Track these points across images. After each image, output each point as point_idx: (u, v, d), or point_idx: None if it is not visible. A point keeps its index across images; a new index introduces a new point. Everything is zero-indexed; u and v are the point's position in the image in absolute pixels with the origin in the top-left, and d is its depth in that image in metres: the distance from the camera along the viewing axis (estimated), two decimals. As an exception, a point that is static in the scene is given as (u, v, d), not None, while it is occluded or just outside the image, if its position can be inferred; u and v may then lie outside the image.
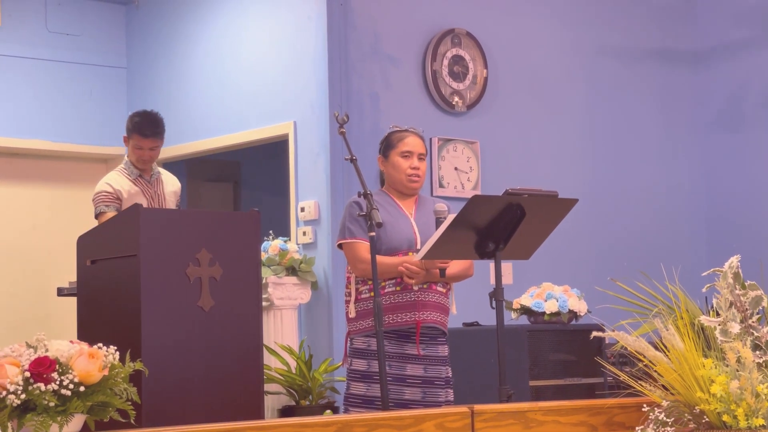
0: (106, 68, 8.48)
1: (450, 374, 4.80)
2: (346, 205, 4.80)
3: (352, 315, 4.73)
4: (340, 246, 4.80)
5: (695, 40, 8.71)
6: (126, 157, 6.06)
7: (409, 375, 4.70)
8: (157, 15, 8.37)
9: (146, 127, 5.94)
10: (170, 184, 6.15)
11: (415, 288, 4.68)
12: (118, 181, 5.95)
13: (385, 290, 4.65)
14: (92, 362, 3.20)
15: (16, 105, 8.13)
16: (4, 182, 8.27)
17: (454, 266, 4.73)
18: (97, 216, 5.90)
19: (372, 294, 4.66)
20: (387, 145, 4.86)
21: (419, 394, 4.70)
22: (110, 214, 5.80)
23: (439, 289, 4.75)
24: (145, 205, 5.91)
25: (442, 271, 4.65)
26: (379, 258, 4.55)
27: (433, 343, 4.75)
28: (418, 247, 4.72)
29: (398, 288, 4.69)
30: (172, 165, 8.68)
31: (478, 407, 3.79)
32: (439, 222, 4.59)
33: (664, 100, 8.59)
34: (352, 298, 4.74)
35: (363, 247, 4.68)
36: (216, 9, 7.94)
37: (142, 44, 8.47)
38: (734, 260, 3.87)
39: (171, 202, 6.10)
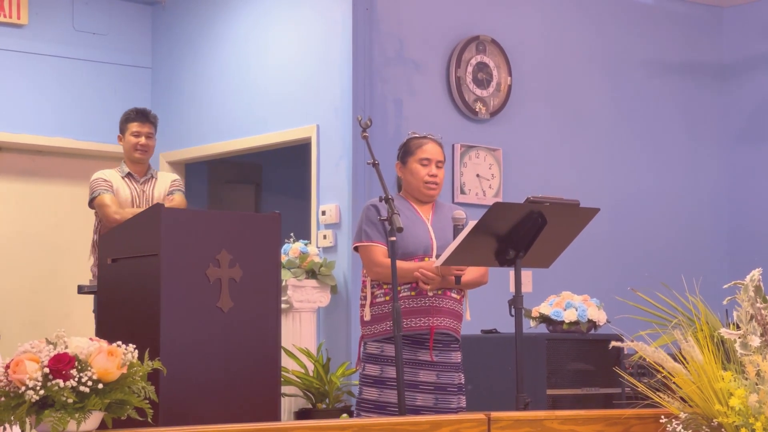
0: (131, 68, 8.51)
1: (462, 381, 4.80)
2: (363, 208, 4.81)
3: (367, 318, 4.73)
4: (356, 249, 4.81)
5: (721, 54, 8.68)
6: (122, 162, 6.18)
7: (421, 381, 4.69)
8: (183, 15, 8.41)
9: (140, 113, 6.16)
10: (164, 182, 6.22)
11: (430, 294, 4.68)
12: (108, 173, 6.11)
13: (400, 295, 4.64)
14: (111, 360, 3.21)
15: (41, 103, 8.17)
16: (28, 179, 8.31)
17: (469, 273, 4.73)
18: (91, 201, 6.01)
19: (387, 298, 4.67)
20: (405, 152, 4.87)
21: (431, 401, 4.69)
22: (106, 196, 5.94)
23: (454, 295, 4.75)
24: (128, 202, 6.03)
25: (458, 278, 4.65)
26: (399, 262, 4.56)
27: (446, 349, 4.74)
28: (434, 252, 4.72)
29: (413, 293, 4.69)
30: (194, 166, 8.72)
31: (495, 414, 3.78)
32: (456, 229, 4.59)
33: (689, 113, 8.56)
34: (368, 302, 4.74)
35: (379, 251, 4.69)
36: (242, 11, 7.96)
37: (167, 44, 8.50)
38: (756, 273, 3.86)
39: (161, 200, 6.14)
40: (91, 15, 8.35)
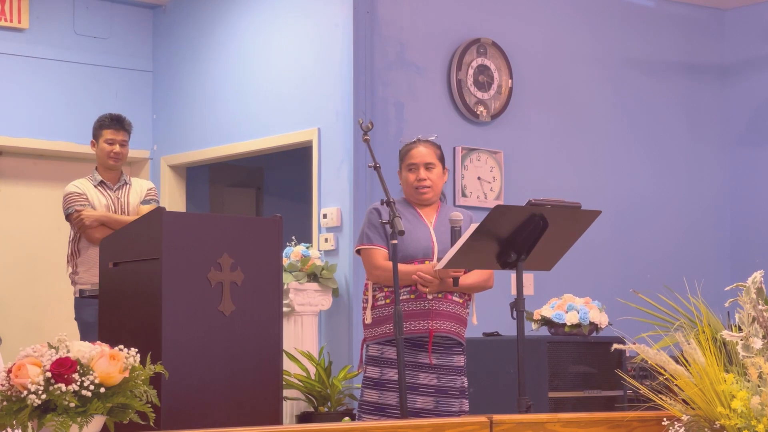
0: (133, 71, 8.51)
1: (465, 384, 4.79)
2: (366, 212, 4.83)
3: (369, 321, 4.73)
4: (358, 252, 4.82)
5: (722, 55, 8.69)
6: (94, 168, 6.12)
7: (421, 384, 4.69)
8: (184, 19, 8.41)
9: (115, 120, 6.11)
10: (138, 189, 6.16)
11: (430, 297, 4.68)
12: (81, 183, 6.06)
13: (400, 298, 4.64)
14: (113, 364, 3.21)
15: (42, 107, 8.17)
16: (30, 183, 8.31)
17: (470, 277, 4.73)
18: (68, 216, 5.97)
19: (388, 301, 4.67)
20: (400, 160, 4.91)
21: (431, 404, 4.69)
22: (85, 207, 5.92)
23: (455, 299, 4.74)
24: (102, 210, 5.96)
25: (455, 280, 4.65)
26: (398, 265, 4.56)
27: (447, 352, 4.74)
28: (435, 255, 4.71)
29: (413, 296, 4.69)
30: (195, 169, 8.72)
31: (497, 417, 3.78)
32: (453, 231, 4.59)
33: (690, 114, 8.56)
34: (369, 305, 4.74)
35: (379, 254, 4.70)
36: (243, 15, 7.97)
37: (168, 48, 8.50)
38: (758, 275, 3.85)
39: (136, 205, 6.08)
40: (92, 19, 8.35)
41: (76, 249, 5.96)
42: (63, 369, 3.14)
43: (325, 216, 7.18)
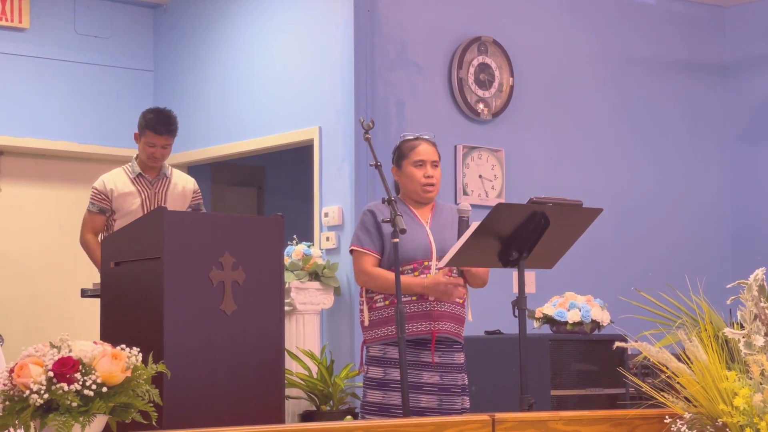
0: (134, 71, 8.51)
1: (466, 382, 4.79)
2: (360, 213, 4.81)
3: (367, 324, 4.72)
4: (351, 251, 4.81)
5: (723, 53, 8.68)
6: (134, 157, 6.01)
7: (425, 383, 4.69)
8: (185, 19, 8.41)
9: (160, 123, 5.89)
10: (181, 186, 6.05)
11: (431, 298, 4.67)
12: (113, 178, 5.94)
13: (402, 299, 4.63)
14: (115, 363, 3.21)
15: (43, 106, 8.18)
16: (31, 183, 8.32)
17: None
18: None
19: (387, 303, 4.66)
20: (399, 155, 4.85)
21: (435, 402, 4.69)
22: (92, 213, 5.94)
23: (456, 299, 4.74)
24: (137, 205, 5.91)
25: (460, 272, 4.65)
26: (385, 272, 4.57)
27: (448, 350, 4.74)
28: (434, 256, 4.70)
29: (414, 297, 4.68)
30: (197, 168, 8.71)
31: (499, 416, 3.78)
32: (462, 221, 4.57)
33: (691, 113, 8.56)
34: (366, 307, 4.73)
35: (368, 259, 4.66)
36: (244, 14, 7.97)
37: (169, 48, 8.50)
38: (759, 273, 3.85)
39: (176, 205, 6.00)
40: (93, 18, 8.35)
41: None
42: (65, 368, 3.14)
43: (326, 215, 7.18)
